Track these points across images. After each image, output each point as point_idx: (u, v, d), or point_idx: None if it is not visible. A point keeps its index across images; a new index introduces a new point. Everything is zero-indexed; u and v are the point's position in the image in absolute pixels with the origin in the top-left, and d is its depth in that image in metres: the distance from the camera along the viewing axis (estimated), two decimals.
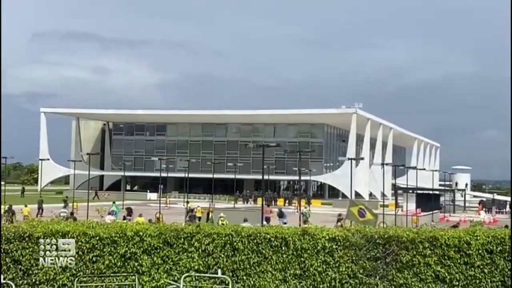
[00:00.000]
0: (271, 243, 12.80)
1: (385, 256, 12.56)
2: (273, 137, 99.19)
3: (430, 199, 68.19)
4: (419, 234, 12.80)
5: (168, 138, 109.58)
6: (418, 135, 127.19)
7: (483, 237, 12.63)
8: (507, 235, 12.66)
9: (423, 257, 12.49)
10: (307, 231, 12.89)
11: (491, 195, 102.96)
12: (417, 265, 12.46)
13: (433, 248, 12.59)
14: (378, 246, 12.62)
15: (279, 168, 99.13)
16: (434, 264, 12.45)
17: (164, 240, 13.15)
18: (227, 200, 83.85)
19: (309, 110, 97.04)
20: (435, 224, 43.50)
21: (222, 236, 12.99)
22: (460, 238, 12.61)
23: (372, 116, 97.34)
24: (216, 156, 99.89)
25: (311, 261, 12.58)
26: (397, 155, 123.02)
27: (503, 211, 78.35)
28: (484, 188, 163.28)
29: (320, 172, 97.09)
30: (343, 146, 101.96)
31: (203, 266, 12.86)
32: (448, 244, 12.57)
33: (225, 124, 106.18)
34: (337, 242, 12.65)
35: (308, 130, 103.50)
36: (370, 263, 12.51)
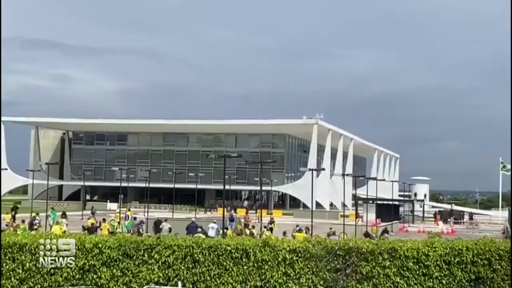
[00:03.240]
0: (232, 255, 12.77)
1: (345, 268, 12.63)
2: (235, 147, 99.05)
3: (389, 210, 68.81)
4: (378, 245, 12.89)
5: (129, 148, 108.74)
6: (378, 145, 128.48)
7: (441, 248, 12.77)
8: (464, 246, 12.82)
9: (383, 268, 12.58)
10: (268, 243, 12.90)
11: (449, 206, 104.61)
12: (377, 276, 12.54)
13: (392, 260, 12.68)
14: (338, 258, 12.68)
15: (240, 178, 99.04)
16: (393, 276, 12.54)
17: (124, 252, 13.03)
18: (188, 210, 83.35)
19: (271, 120, 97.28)
20: (394, 234, 44.04)
21: (182, 248, 12.93)
22: (419, 249, 12.73)
23: (333, 126, 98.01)
24: (178, 166, 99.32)
25: (272, 273, 12.59)
26: (357, 165, 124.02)
27: (460, 221, 79.56)
28: (442, 198, 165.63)
29: (281, 182, 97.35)
30: (304, 157, 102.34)
31: (163, 278, 12.77)
32: (407, 255, 12.67)
33: (187, 134, 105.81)
34: (297, 253, 12.69)
35: (270, 140, 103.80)
36: (331, 274, 12.56)
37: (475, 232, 56.58)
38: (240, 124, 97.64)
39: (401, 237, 16.18)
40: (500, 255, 12.66)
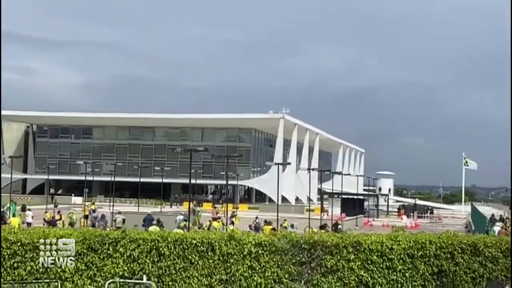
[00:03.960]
0: (198, 249, 12.76)
1: (310, 261, 12.70)
2: (201, 141, 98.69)
3: (354, 204, 69.37)
4: (343, 239, 12.99)
5: (94, 141, 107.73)
6: (344, 140, 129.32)
7: (404, 242, 12.91)
8: (427, 240, 12.98)
9: (347, 261, 12.68)
10: (233, 236, 12.91)
11: (413, 200, 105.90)
12: (341, 270, 12.63)
13: (356, 253, 12.79)
14: (304, 251, 12.75)
15: (206, 172, 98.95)
16: (357, 269, 12.65)
17: (89, 245, 12.92)
18: (153, 204, 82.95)
19: (237, 114, 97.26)
20: (355, 229, 44.35)
21: (148, 241, 12.87)
22: (383, 243, 12.85)
23: (299, 121, 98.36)
24: (143, 160, 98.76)
25: (237, 266, 12.61)
26: (323, 160, 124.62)
27: (424, 216, 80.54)
28: (406, 193, 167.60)
29: (247, 177, 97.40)
30: (270, 151, 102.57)
31: (128, 272, 12.70)
32: (371, 249, 12.79)
33: (153, 128, 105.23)
34: (263, 247, 12.72)
35: (236, 135, 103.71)
36: (296, 268, 12.63)
37: (438, 226, 57.28)
38: (207, 118, 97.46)
39: (366, 231, 16.34)
40: (462, 249, 12.85)
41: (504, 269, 12.81)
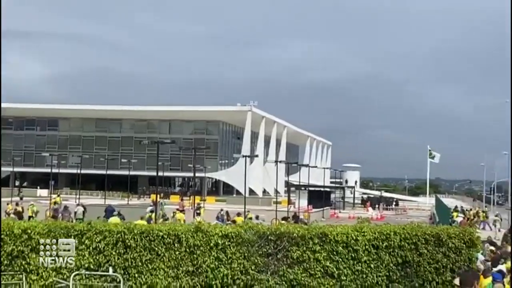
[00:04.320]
0: (164, 240, 12.75)
1: (276, 252, 12.77)
2: (169, 134, 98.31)
3: (321, 196, 69.78)
4: (309, 230, 13.08)
5: (60, 133, 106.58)
6: (312, 133, 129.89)
7: (370, 233, 13.04)
8: (392, 231, 13.13)
9: (313, 252, 12.77)
10: (200, 228, 12.93)
11: (378, 192, 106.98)
12: (307, 261, 12.72)
13: (322, 244, 12.88)
14: (270, 243, 12.81)
15: (174, 165, 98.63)
16: (323, 260, 12.75)
17: (54, 237, 12.82)
18: (120, 196, 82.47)
19: (205, 107, 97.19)
20: (322, 220, 44.69)
21: (114, 233, 12.83)
22: (348, 234, 12.96)
23: (266, 114, 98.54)
24: (110, 152, 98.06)
25: (204, 258, 12.64)
26: (290, 152, 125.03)
27: (389, 207, 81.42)
28: (372, 185, 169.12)
29: (215, 169, 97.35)
30: (238, 144, 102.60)
31: (94, 264, 12.65)
32: (337, 240, 12.89)
33: (120, 120, 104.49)
34: (230, 238, 12.76)
35: (204, 127, 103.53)
36: (262, 259, 12.69)
37: (403, 218, 57.96)
38: (174, 111, 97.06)
39: (332, 223, 16.48)
40: (426, 240, 13.01)
41: (467, 260, 13.00)
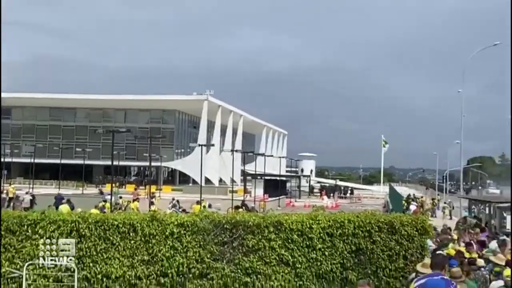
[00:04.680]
0: (119, 230, 12.68)
1: (232, 241, 12.81)
2: (124, 123, 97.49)
3: (277, 185, 70.15)
4: (265, 219, 13.13)
5: (13, 122, 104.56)
6: (268, 122, 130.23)
7: (324, 221, 13.15)
8: (346, 219, 13.26)
9: (268, 241, 12.84)
10: (155, 217, 12.89)
11: (334, 181, 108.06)
12: (263, 249, 12.79)
13: (278, 232, 12.95)
14: (226, 231, 12.85)
15: (129, 154, 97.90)
16: (278, 248, 12.83)
17: (6, 227, 12.65)
18: (75, 186, 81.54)
19: (161, 96, 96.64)
20: (278, 209, 44.94)
21: (68, 223, 12.70)
22: (303, 222, 13.05)
23: (223, 103, 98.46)
24: (65, 141, 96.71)
25: (159, 247, 12.61)
26: (246, 141, 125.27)
27: (344, 196, 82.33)
28: (327, 174, 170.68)
29: (171, 158, 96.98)
30: (194, 133, 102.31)
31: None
32: (292, 228, 12.97)
33: (74, 109, 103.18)
34: (185, 227, 12.75)
35: (160, 116, 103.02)
36: (218, 247, 12.72)
37: (358, 206, 58.68)
38: (130, 100, 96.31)
39: (288, 211, 16.61)
40: (379, 227, 13.17)
41: (419, 247, 13.22)
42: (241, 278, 12.60)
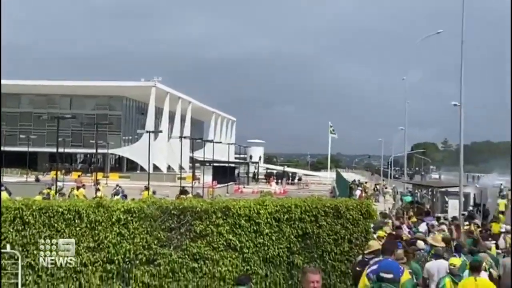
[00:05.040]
0: (64, 216, 12.51)
1: (179, 227, 12.77)
2: (70, 109, 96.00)
3: (225, 172, 70.24)
4: (212, 204, 13.14)
5: None
6: (216, 109, 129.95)
7: (271, 206, 13.21)
8: (293, 204, 13.36)
9: (216, 226, 12.85)
10: (101, 204, 12.76)
11: (282, 168, 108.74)
12: (210, 235, 12.79)
13: (225, 218, 12.96)
14: (173, 217, 12.80)
15: (75, 141, 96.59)
16: (226, 233, 12.85)
17: None
18: (19, 173, 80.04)
19: (107, 82, 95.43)
20: (226, 196, 45.07)
21: (11, 210, 12.47)
22: (251, 207, 13.09)
23: (171, 89, 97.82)
24: (8, 128, 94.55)
25: (106, 234, 12.49)
26: (195, 128, 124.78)
27: (292, 182, 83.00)
28: (276, 161, 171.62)
29: (118, 145, 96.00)
30: (142, 119, 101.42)
31: None
32: (239, 213, 13.00)
33: (18, 95, 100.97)
34: (132, 214, 12.66)
35: (107, 103, 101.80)
36: (165, 233, 12.67)
37: (305, 192, 59.23)
38: (75, 86, 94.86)
39: (236, 198, 16.65)
40: (325, 212, 13.31)
41: (364, 231, 13.42)
42: (188, 263, 12.60)
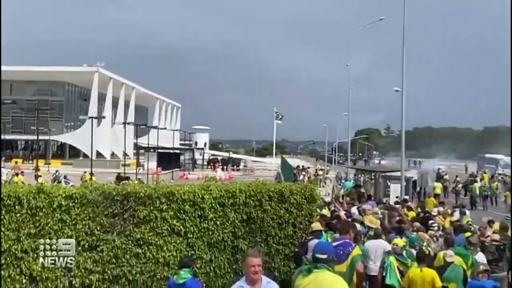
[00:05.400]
0: (4, 203, 12.24)
1: (123, 212, 12.65)
2: (10, 95, 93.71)
3: (170, 158, 69.88)
4: (156, 190, 13.05)
5: None
6: (161, 95, 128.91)
7: (216, 191, 13.21)
8: (237, 189, 13.38)
9: (160, 211, 12.77)
10: (42, 190, 12.53)
11: (227, 154, 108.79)
12: (154, 220, 12.71)
13: (169, 203, 12.90)
14: (116, 203, 12.66)
15: (16, 127, 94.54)
16: (170, 218, 12.79)
17: None
18: None
19: (48, 67, 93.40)
20: (171, 182, 44.90)
21: None
22: (195, 193, 13.06)
23: (114, 75, 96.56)
24: None
25: (47, 220, 12.28)
26: (139, 114, 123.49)
27: (237, 168, 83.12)
28: (221, 147, 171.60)
29: (60, 132, 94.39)
30: (85, 105, 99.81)
31: None
32: (183, 199, 12.94)
33: None
34: (74, 199, 12.48)
35: (48, 88, 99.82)
36: (108, 219, 12.53)
37: (251, 177, 59.37)
38: (15, 71, 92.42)
39: (181, 184, 16.55)
40: (270, 196, 13.38)
41: (308, 214, 13.55)
42: (132, 249, 12.51)
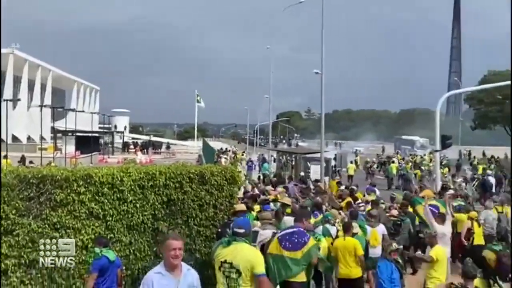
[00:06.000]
0: None
1: (39, 196, 12.34)
2: None
3: (89, 142, 68.70)
4: (74, 172, 12.79)
5: None
6: (79, 78, 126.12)
7: (135, 173, 13.05)
8: (157, 171, 13.28)
9: (78, 194, 12.52)
10: None
11: (148, 137, 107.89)
12: (72, 203, 12.45)
13: (87, 186, 12.67)
14: (32, 186, 12.34)
15: None
16: (88, 201, 12.55)
17: None
18: None
19: None
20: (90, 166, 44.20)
21: None
22: (114, 175, 12.87)
23: (30, 57, 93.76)
24: None
25: None
26: (57, 97, 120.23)
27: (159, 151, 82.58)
28: (142, 130, 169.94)
29: None
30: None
31: None
32: (102, 181, 12.73)
33: None
34: None
35: None
36: (23, 203, 12.20)
37: (172, 160, 59.07)
38: None
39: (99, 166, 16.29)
40: (190, 178, 13.32)
41: (229, 196, 13.59)
42: (48, 233, 12.21)
